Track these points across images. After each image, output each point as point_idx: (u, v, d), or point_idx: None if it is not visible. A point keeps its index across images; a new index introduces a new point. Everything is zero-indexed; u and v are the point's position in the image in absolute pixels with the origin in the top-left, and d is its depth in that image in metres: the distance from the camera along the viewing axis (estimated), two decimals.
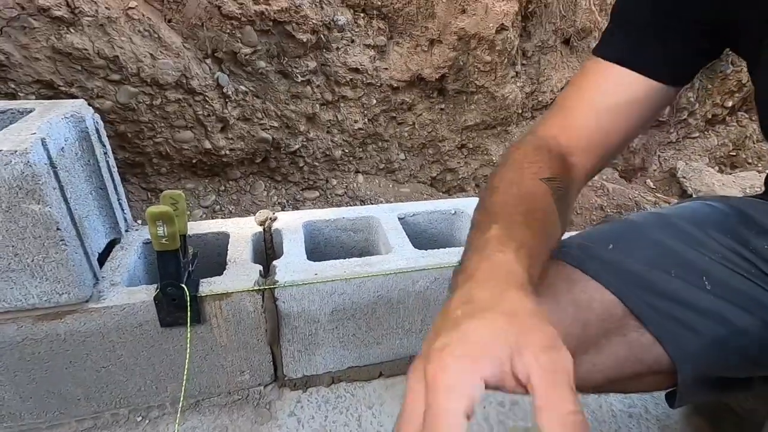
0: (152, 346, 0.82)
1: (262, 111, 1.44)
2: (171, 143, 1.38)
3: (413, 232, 1.09)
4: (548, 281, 0.52)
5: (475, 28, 1.46)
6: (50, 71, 1.16)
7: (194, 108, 1.34)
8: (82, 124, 0.82)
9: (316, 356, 0.95)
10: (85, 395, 0.84)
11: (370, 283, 0.88)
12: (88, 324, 0.77)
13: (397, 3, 1.43)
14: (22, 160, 0.63)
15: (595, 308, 0.50)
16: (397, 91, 1.57)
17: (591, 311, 0.50)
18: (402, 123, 1.65)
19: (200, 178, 1.53)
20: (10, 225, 0.66)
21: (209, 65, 1.32)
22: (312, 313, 0.89)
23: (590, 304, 0.50)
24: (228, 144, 1.44)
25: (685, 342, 0.49)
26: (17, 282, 0.70)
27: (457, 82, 1.59)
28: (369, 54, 1.48)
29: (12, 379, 0.78)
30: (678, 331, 0.49)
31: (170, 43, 1.23)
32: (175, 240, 0.72)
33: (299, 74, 1.40)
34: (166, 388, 0.88)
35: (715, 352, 0.49)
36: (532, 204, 0.48)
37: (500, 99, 1.66)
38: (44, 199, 0.66)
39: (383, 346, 0.98)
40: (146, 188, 1.47)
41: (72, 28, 1.13)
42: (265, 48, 1.33)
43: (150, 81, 1.24)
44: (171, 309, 0.78)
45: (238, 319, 0.84)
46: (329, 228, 1.09)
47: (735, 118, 2.22)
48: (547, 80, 1.74)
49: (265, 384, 0.94)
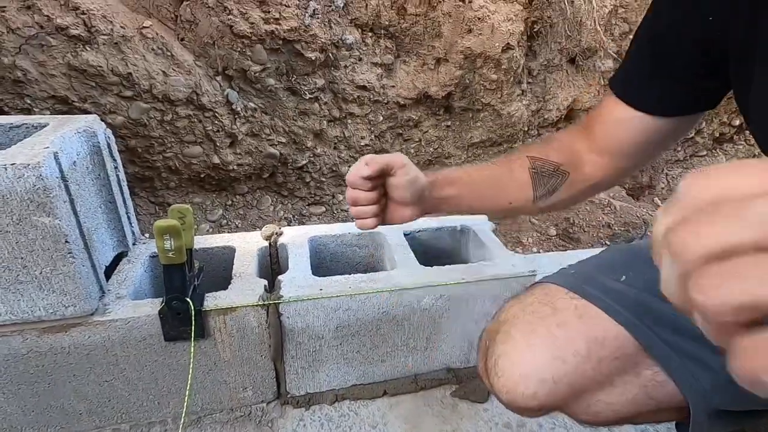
0: (155, 361, 0.82)
1: (270, 127, 1.46)
2: (180, 158, 1.40)
3: (419, 249, 1.09)
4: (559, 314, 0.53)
5: (481, 47, 1.48)
6: (65, 87, 1.19)
7: (204, 124, 1.36)
8: (94, 138, 0.83)
9: (320, 373, 0.94)
10: (88, 410, 0.83)
11: (375, 299, 0.88)
12: (92, 337, 0.77)
13: (404, 23, 1.45)
14: (34, 174, 0.64)
15: (609, 345, 0.50)
16: (403, 108, 1.58)
17: (604, 348, 0.50)
18: (408, 140, 1.67)
19: (208, 193, 1.54)
20: (20, 237, 0.66)
21: (219, 82, 1.35)
22: (316, 329, 0.88)
23: (604, 341, 0.50)
24: (236, 159, 1.46)
25: (697, 379, 0.49)
26: (24, 294, 0.71)
27: (464, 100, 1.61)
28: (376, 72, 1.50)
29: (15, 392, 0.78)
30: (691, 368, 0.49)
31: (182, 60, 1.26)
32: (182, 254, 0.73)
33: (307, 91, 1.43)
34: (168, 404, 0.87)
35: (728, 388, 0.48)
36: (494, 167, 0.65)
37: (506, 117, 1.67)
38: (54, 212, 0.67)
39: (387, 364, 0.97)
40: (155, 202, 1.49)
41: (88, 46, 1.16)
42: (275, 66, 1.36)
43: (161, 97, 1.27)
44: (175, 323, 0.78)
45: (242, 334, 0.84)
46: (335, 243, 1.09)
47: (743, 137, 2.22)
48: (552, 98, 1.75)
49: (267, 401, 0.93)
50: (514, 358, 0.52)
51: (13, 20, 1.09)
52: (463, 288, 0.92)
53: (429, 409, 0.97)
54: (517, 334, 0.53)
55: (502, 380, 0.52)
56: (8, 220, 0.65)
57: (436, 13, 1.44)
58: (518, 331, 0.53)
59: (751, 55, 0.45)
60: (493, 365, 0.54)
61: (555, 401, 0.51)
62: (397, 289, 0.88)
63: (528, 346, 0.52)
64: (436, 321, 0.94)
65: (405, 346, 0.96)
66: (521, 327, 0.53)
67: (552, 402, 0.51)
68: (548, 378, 0.50)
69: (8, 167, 0.62)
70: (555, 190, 0.63)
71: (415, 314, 0.92)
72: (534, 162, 0.63)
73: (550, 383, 0.50)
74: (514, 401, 0.51)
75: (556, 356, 0.50)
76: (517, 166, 0.64)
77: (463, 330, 0.98)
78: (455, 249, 1.18)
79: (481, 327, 0.98)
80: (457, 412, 0.96)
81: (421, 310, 0.92)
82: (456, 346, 0.99)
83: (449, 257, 1.17)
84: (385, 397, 0.99)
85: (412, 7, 1.43)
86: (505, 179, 0.64)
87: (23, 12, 1.10)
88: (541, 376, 0.50)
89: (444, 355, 1.00)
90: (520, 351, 0.52)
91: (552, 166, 0.62)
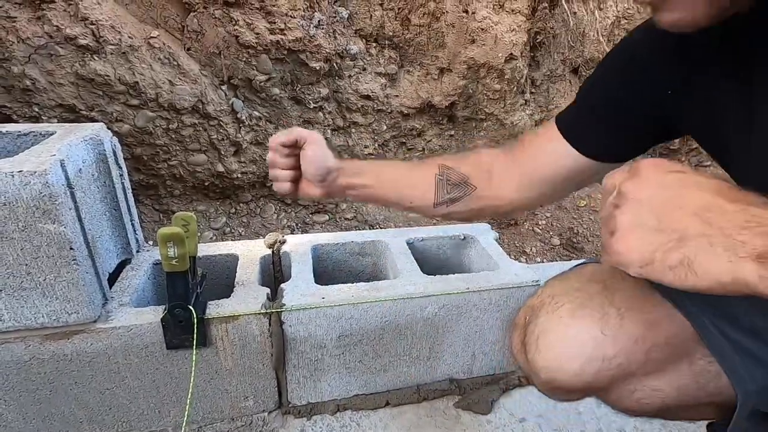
0: (157, 369, 0.81)
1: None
2: (185, 166, 1.41)
3: (422, 257, 1.08)
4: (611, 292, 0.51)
5: (485, 57, 1.49)
6: (73, 96, 1.20)
7: (209, 132, 1.37)
8: (101, 146, 0.84)
9: (322, 383, 0.93)
10: (88, 418, 0.83)
11: (377, 308, 0.87)
12: (95, 344, 0.77)
13: (408, 33, 1.47)
14: (40, 181, 0.64)
15: (664, 330, 0.48)
16: (407, 117, 1.59)
17: (659, 332, 0.48)
18: (412, 149, 1.67)
19: (212, 201, 1.55)
20: (25, 244, 0.67)
21: (225, 91, 1.36)
22: (319, 337, 0.87)
23: (660, 324, 0.48)
24: (240, 167, 1.47)
25: (752, 377, 0.47)
26: (28, 300, 0.71)
27: (467, 110, 1.61)
28: (380, 81, 1.51)
29: (16, 399, 0.78)
30: (747, 365, 0.47)
31: (188, 70, 1.28)
32: (185, 261, 0.73)
33: (312, 100, 1.44)
34: (169, 413, 0.87)
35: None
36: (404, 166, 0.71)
37: (509, 126, 1.67)
38: (60, 219, 0.67)
39: (390, 373, 0.96)
40: (159, 210, 1.50)
41: (96, 55, 1.18)
42: (280, 75, 1.37)
43: (167, 106, 1.28)
44: (177, 331, 0.78)
45: (244, 342, 0.83)
46: (338, 252, 1.09)
47: None
48: (556, 108, 1.76)
49: (269, 410, 0.92)
50: (560, 333, 0.49)
51: (23, 30, 1.11)
52: (466, 297, 0.91)
53: (431, 420, 0.96)
54: (564, 310, 0.50)
55: (543, 356, 0.49)
56: (14, 227, 0.65)
57: (439, 24, 1.46)
58: (565, 307, 0.50)
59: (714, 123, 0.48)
60: (534, 340, 0.51)
61: (600, 382, 0.48)
62: (399, 298, 0.88)
63: (576, 322, 0.49)
64: (439, 330, 0.94)
65: (408, 356, 0.95)
66: (569, 303, 0.51)
67: (597, 383, 0.48)
68: (597, 356, 0.47)
69: (15, 174, 0.63)
70: (456, 201, 0.65)
71: (417, 323, 0.92)
72: (442, 169, 0.65)
73: (599, 362, 0.47)
74: (554, 380, 0.49)
75: (607, 335, 0.47)
76: (426, 170, 0.67)
77: (466, 340, 0.97)
78: (458, 258, 1.17)
79: (486, 337, 0.98)
80: (460, 424, 0.95)
81: (423, 320, 0.91)
82: (459, 356, 0.99)
83: (452, 266, 1.17)
84: (388, 407, 0.98)
85: (416, 18, 1.44)
86: (411, 181, 0.68)
87: (33, 22, 1.12)
88: (589, 353, 0.47)
89: (447, 365, 0.99)
90: (567, 326, 0.49)
91: (459, 177, 0.65)
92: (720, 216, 0.33)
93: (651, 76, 0.51)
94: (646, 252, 0.35)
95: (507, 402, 1.00)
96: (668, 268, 0.35)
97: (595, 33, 1.68)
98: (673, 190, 0.36)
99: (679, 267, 0.34)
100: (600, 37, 1.69)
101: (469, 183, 0.64)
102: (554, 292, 0.55)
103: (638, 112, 0.53)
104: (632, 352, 0.47)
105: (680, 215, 0.34)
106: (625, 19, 1.75)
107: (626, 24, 1.75)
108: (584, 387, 0.49)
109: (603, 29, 1.70)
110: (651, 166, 0.37)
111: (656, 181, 0.36)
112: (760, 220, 0.32)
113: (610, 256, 0.37)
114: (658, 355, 0.48)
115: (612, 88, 0.56)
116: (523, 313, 0.57)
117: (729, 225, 0.33)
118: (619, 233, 0.37)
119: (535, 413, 0.97)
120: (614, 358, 0.47)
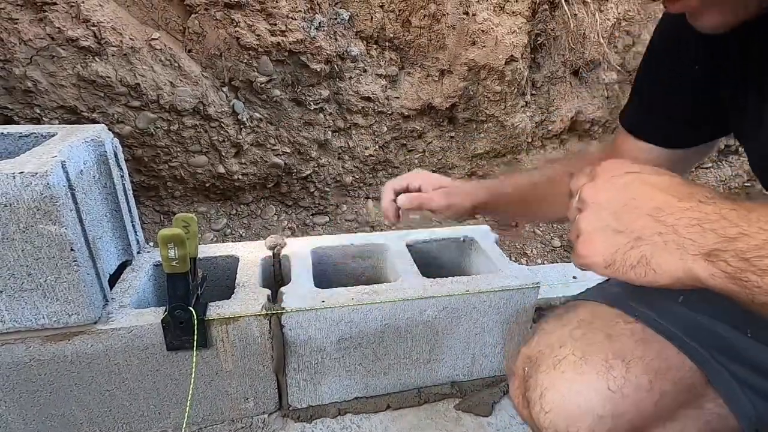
0: (157, 370, 0.81)
1: (275, 137, 1.48)
2: (186, 167, 1.41)
3: (422, 260, 1.08)
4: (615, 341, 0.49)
5: (485, 59, 1.49)
6: (74, 98, 1.20)
7: (210, 134, 1.38)
8: (102, 148, 0.84)
9: (322, 386, 0.93)
10: (88, 419, 0.83)
11: (377, 311, 0.87)
12: (95, 346, 0.77)
13: (408, 35, 1.47)
14: (42, 182, 0.64)
15: (672, 377, 0.47)
16: (407, 119, 1.59)
17: (667, 380, 0.47)
18: (412, 150, 1.67)
19: (212, 202, 1.55)
20: (26, 245, 0.67)
21: (226, 93, 1.36)
22: (319, 340, 0.87)
23: (667, 372, 0.47)
24: (241, 169, 1.47)
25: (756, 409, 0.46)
26: (29, 302, 0.71)
27: (467, 111, 1.62)
28: (381, 83, 1.51)
29: (17, 400, 0.78)
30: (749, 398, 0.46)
31: (189, 71, 1.28)
32: (186, 263, 0.73)
33: (312, 102, 1.44)
34: (169, 414, 0.86)
35: None
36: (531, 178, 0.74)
37: (510, 128, 1.67)
38: (61, 221, 0.67)
39: (390, 376, 0.96)
40: (159, 211, 1.50)
41: (97, 57, 1.18)
42: (280, 77, 1.37)
43: (168, 107, 1.28)
44: (178, 332, 0.78)
45: (245, 344, 0.83)
46: (338, 254, 1.09)
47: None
48: (556, 110, 1.76)
49: (269, 412, 0.92)
50: (564, 392, 0.47)
51: (25, 32, 1.11)
52: (466, 300, 0.91)
53: (432, 422, 0.95)
54: (567, 364, 0.48)
55: (550, 416, 0.47)
56: (15, 228, 0.65)
57: (440, 26, 1.46)
58: (568, 361, 0.49)
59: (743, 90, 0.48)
60: (537, 398, 0.49)
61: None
62: (399, 301, 0.88)
63: (581, 378, 0.47)
64: (439, 333, 0.94)
65: (408, 359, 0.95)
66: (570, 355, 0.49)
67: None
68: (606, 414, 0.45)
69: (16, 176, 0.63)
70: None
71: (417, 326, 0.91)
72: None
73: (609, 420, 0.45)
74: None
75: (614, 390, 0.46)
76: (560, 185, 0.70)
77: (466, 342, 0.97)
78: (458, 260, 1.17)
79: (486, 340, 0.97)
80: (460, 426, 0.95)
81: (423, 322, 0.91)
82: (459, 358, 0.98)
83: (452, 269, 1.16)
84: (388, 410, 0.98)
85: (416, 20, 1.44)
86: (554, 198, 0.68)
87: (35, 24, 1.12)
88: (598, 412, 0.45)
89: (447, 368, 0.99)
90: (571, 383, 0.47)
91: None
92: (671, 215, 0.35)
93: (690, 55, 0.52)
94: (608, 253, 0.37)
95: (508, 404, 1.00)
96: (630, 267, 0.37)
97: (596, 35, 1.68)
98: (629, 191, 0.38)
99: (639, 265, 0.36)
100: (600, 39, 1.69)
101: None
102: (552, 341, 0.53)
103: (685, 91, 0.54)
104: (644, 406, 0.46)
105: (636, 216, 0.36)
106: (625, 21, 1.75)
107: (627, 26, 1.75)
108: None
109: (603, 31, 1.70)
110: (608, 169, 0.40)
111: (613, 184, 0.39)
112: (708, 217, 0.33)
113: (577, 259, 0.39)
114: (668, 402, 0.47)
115: (658, 71, 0.57)
116: (520, 362, 0.55)
117: (679, 223, 0.34)
118: (582, 236, 0.39)
119: None
120: (625, 414, 0.46)
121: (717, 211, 0.33)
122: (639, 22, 1.75)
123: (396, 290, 0.90)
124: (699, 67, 0.51)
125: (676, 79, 0.55)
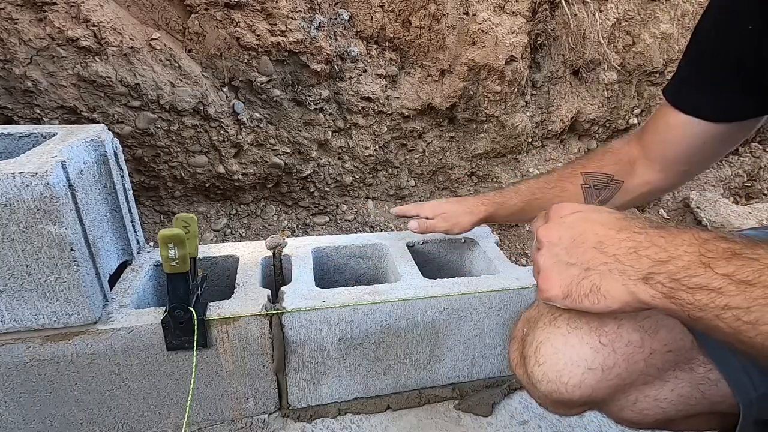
0: (157, 370, 0.81)
1: (275, 137, 1.48)
2: (186, 167, 1.41)
3: (422, 260, 1.08)
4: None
5: (485, 59, 1.49)
6: (74, 98, 1.20)
7: (210, 134, 1.38)
8: (102, 148, 0.84)
9: (322, 386, 0.93)
10: (88, 419, 0.83)
11: (378, 311, 0.87)
12: (95, 346, 0.77)
13: (408, 35, 1.47)
14: (42, 182, 0.64)
15: (662, 337, 0.48)
16: (407, 119, 1.59)
17: (657, 339, 0.48)
18: (412, 150, 1.67)
19: (212, 202, 1.55)
20: (26, 245, 0.67)
21: (226, 93, 1.36)
22: (319, 340, 0.87)
23: (657, 331, 0.48)
24: (241, 169, 1.47)
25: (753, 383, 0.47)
26: (28, 302, 0.71)
27: (467, 111, 1.62)
28: (381, 83, 1.51)
29: (16, 400, 0.78)
30: (747, 371, 0.47)
31: (189, 71, 1.28)
32: (186, 263, 0.73)
33: (312, 102, 1.44)
34: (169, 414, 0.86)
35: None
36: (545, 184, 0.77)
37: (510, 128, 1.67)
38: (60, 221, 0.67)
39: (390, 377, 0.96)
40: (159, 211, 1.50)
41: (97, 57, 1.18)
42: (281, 77, 1.37)
43: (168, 107, 1.28)
44: (178, 332, 0.78)
45: (245, 344, 0.83)
46: (338, 255, 1.09)
47: (749, 149, 2.21)
48: (556, 110, 1.76)
49: (269, 412, 0.92)
50: (559, 345, 0.48)
51: (25, 32, 1.11)
52: (466, 301, 0.91)
53: (432, 422, 0.95)
54: (563, 321, 0.50)
55: (543, 368, 0.49)
56: (15, 228, 0.65)
57: (440, 26, 1.46)
58: (564, 318, 0.50)
59: None
60: (533, 352, 0.50)
61: (601, 393, 0.48)
62: (400, 301, 0.88)
63: (575, 333, 0.48)
64: (440, 334, 0.94)
65: (408, 359, 0.95)
66: (566, 311, 0.50)
67: (598, 394, 0.48)
68: (597, 366, 0.47)
69: (16, 176, 0.63)
70: (606, 201, 0.69)
71: (418, 327, 0.91)
72: (587, 177, 0.70)
73: (599, 372, 0.47)
74: (556, 391, 0.48)
75: (605, 343, 0.47)
76: (571, 182, 0.72)
77: (466, 343, 0.97)
78: (459, 261, 1.17)
79: (486, 341, 0.97)
80: (460, 426, 0.95)
81: (424, 323, 0.91)
82: (459, 359, 0.98)
83: (453, 270, 1.16)
84: (389, 411, 0.98)
85: (416, 20, 1.44)
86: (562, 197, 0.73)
87: (35, 24, 1.12)
88: (589, 364, 0.47)
89: (447, 369, 0.99)
90: (565, 337, 0.49)
91: (606, 178, 0.68)
92: (612, 246, 0.40)
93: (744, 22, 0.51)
94: (564, 285, 0.42)
95: (508, 404, 1.00)
96: (584, 296, 0.41)
97: (596, 35, 1.68)
98: (575, 228, 0.43)
99: (591, 294, 0.41)
100: (601, 39, 1.69)
101: (615, 180, 0.68)
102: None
103: (730, 53, 0.53)
104: (633, 361, 0.47)
105: (584, 249, 0.41)
106: (626, 21, 1.74)
107: (627, 26, 1.75)
108: (584, 400, 0.48)
109: (604, 31, 1.69)
110: (557, 211, 0.46)
111: (562, 224, 0.44)
112: (642, 245, 0.38)
113: (539, 294, 0.44)
114: (658, 362, 0.48)
115: (709, 40, 0.56)
116: (521, 325, 0.57)
117: (619, 252, 0.39)
118: (542, 273, 0.44)
119: (537, 415, 0.97)
120: (614, 368, 0.47)
121: (648, 239, 0.38)
122: (639, 22, 1.75)
123: (397, 290, 0.90)
124: (753, 27, 0.50)
125: (729, 40, 0.53)
